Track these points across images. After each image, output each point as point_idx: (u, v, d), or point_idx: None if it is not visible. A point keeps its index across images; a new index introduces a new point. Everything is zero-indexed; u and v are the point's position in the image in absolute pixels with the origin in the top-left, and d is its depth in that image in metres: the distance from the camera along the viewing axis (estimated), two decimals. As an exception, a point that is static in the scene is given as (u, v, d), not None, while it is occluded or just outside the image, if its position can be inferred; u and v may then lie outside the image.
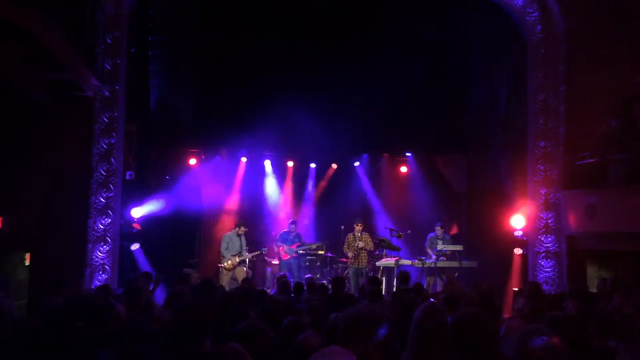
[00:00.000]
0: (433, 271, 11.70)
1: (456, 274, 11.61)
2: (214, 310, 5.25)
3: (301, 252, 12.91)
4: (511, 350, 2.62)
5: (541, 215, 10.93)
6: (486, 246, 12.17)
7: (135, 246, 10.81)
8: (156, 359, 3.63)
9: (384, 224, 13.69)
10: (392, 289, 10.98)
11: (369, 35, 12.54)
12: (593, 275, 10.26)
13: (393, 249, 11.97)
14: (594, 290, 8.75)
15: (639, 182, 9.18)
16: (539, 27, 11.07)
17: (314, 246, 13.08)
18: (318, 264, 13.54)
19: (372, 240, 12.21)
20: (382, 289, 8.01)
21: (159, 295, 8.50)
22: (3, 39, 7.33)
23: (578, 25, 10.66)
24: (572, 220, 10.59)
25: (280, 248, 12.67)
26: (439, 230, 12.28)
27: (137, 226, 10.91)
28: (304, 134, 12.61)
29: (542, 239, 10.90)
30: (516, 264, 11.37)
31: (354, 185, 14.79)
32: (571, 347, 3.88)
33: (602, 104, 10.35)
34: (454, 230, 13.78)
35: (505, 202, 11.85)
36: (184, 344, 3.47)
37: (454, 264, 11.69)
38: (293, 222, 12.91)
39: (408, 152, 14.51)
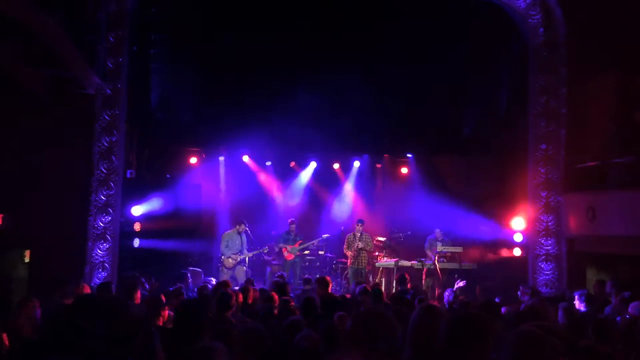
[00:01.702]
0: (433, 273, 11.69)
1: (456, 276, 11.60)
2: (214, 309, 5.26)
3: (306, 252, 12.90)
4: (507, 353, 2.60)
5: (541, 217, 10.93)
6: (486, 248, 12.15)
7: (136, 243, 10.81)
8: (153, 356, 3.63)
9: (384, 224, 13.68)
10: (392, 290, 10.98)
11: (370, 36, 12.51)
12: (592, 278, 10.25)
13: (393, 250, 11.97)
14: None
15: (639, 185, 9.17)
16: (541, 29, 11.07)
17: (315, 242, 13.06)
18: (318, 264, 13.54)
19: (372, 241, 12.20)
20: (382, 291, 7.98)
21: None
22: (6, 36, 7.34)
23: (580, 28, 10.65)
24: (573, 223, 10.59)
25: (283, 249, 12.64)
26: (438, 233, 12.26)
27: (137, 225, 10.90)
28: (306, 134, 12.60)
29: (542, 241, 10.89)
30: (516, 267, 11.36)
31: (354, 185, 14.78)
32: (569, 350, 3.89)
33: (603, 107, 10.35)
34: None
35: (505, 204, 11.84)
36: (182, 342, 3.48)
37: (453, 265, 11.68)
38: (292, 222, 12.88)
39: (409, 154, 14.50)
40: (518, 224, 11.32)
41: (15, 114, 9.60)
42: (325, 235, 13.13)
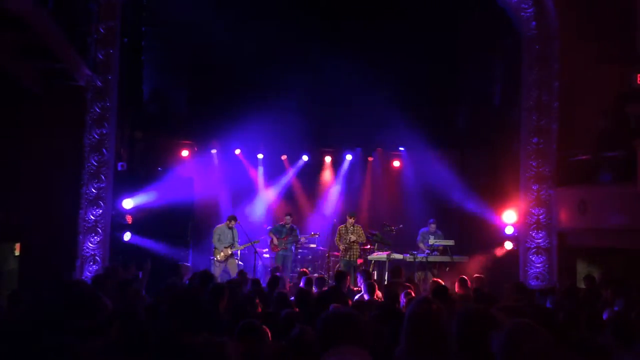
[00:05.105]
0: (424, 266, 11.72)
1: (447, 269, 11.64)
2: (207, 302, 5.25)
3: (298, 245, 12.87)
4: (500, 345, 2.60)
5: (533, 211, 10.98)
6: (478, 241, 12.20)
7: (127, 236, 10.77)
8: (144, 349, 3.62)
9: (376, 218, 13.70)
10: (384, 283, 11.01)
11: (363, 31, 12.51)
12: (583, 272, 10.33)
13: (385, 243, 11.98)
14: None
15: (630, 180, 9.23)
16: (534, 23, 11.08)
17: (303, 239, 13.01)
18: (310, 257, 13.53)
19: (365, 233, 12.20)
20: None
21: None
22: (-5, 27, 7.26)
23: (572, 22, 10.68)
24: (564, 217, 10.66)
25: (271, 240, 12.64)
26: (432, 227, 12.26)
27: (128, 218, 10.85)
28: (298, 127, 12.58)
29: (533, 234, 10.95)
30: (507, 260, 11.42)
31: (347, 178, 14.78)
32: (563, 343, 3.91)
33: (595, 101, 10.40)
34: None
35: (497, 198, 11.88)
36: (175, 334, 3.47)
37: (445, 258, 11.71)
38: (289, 215, 12.84)
39: (401, 147, 14.50)
40: (509, 217, 11.37)
41: (4, 106, 9.51)
42: (314, 234, 13.11)
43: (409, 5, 12.04)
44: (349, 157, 14.74)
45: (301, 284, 7.75)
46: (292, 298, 6.41)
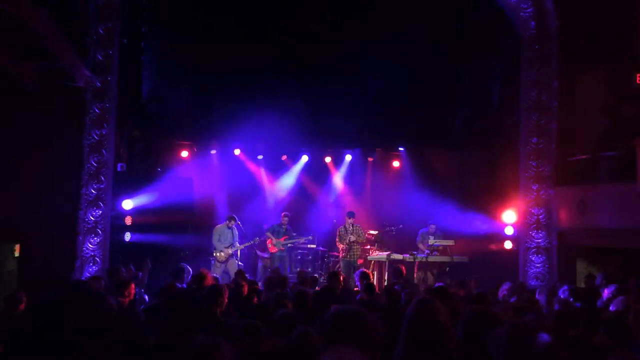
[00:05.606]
0: (424, 266, 11.72)
1: (447, 269, 11.65)
2: (205, 302, 5.24)
3: (290, 245, 12.86)
4: (499, 345, 2.59)
5: (532, 211, 10.98)
6: (478, 241, 12.19)
7: (127, 237, 10.76)
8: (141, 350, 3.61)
9: (376, 218, 13.69)
10: (384, 283, 11.02)
11: (363, 31, 12.50)
12: (583, 271, 10.33)
13: (384, 244, 11.99)
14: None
15: (629, 179, 9.24)
16: (533, 23, 11.08)
17: (302, 239, 12.98)
18: (309, 257, 13.53)
19: (364, 233, 12.20)
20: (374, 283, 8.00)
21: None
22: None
23: (572, 22, 10.68)
24: (563, 216, 10.66)
25: (268, 240, 12.63)
26: (431, 227, 12.26)
27: (128, 219, 10.84)
28: (297, 128, 12.58)
29: (533, 234, 10.95)
30: (507, 260, 11.41)
31: (346, 178, 14.77)
32: (563, 342, 3.91)
33: (594, 101, 10.40)
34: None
35: (497, 198, 11.88)
36: (174, 334, 3.47)
37: (445, 258, 11.72)
38: (286, 215, 12.84)
39: (401, 147, 14.50)
40: (509, 217, 11.37)
41: (3, 106, 9.51)
42: (311, 237, 13.08)
43: (408, 5, 12.03)
44: (348, 157, 14.73)
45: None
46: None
